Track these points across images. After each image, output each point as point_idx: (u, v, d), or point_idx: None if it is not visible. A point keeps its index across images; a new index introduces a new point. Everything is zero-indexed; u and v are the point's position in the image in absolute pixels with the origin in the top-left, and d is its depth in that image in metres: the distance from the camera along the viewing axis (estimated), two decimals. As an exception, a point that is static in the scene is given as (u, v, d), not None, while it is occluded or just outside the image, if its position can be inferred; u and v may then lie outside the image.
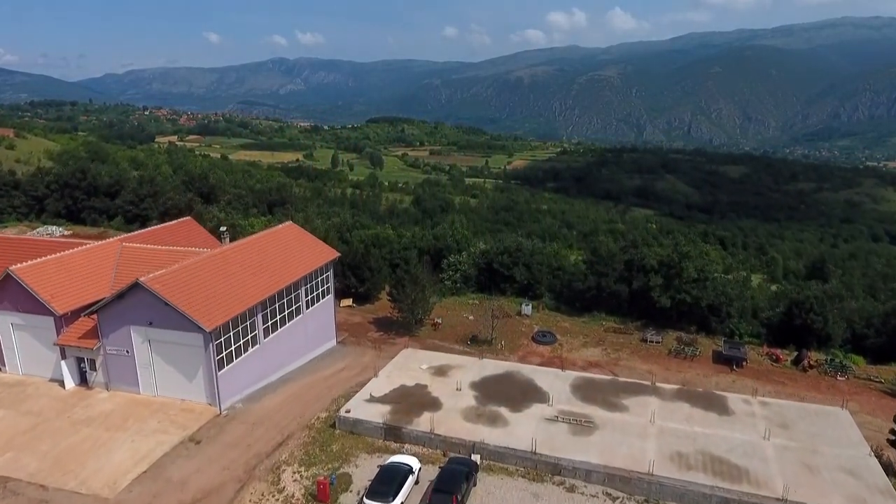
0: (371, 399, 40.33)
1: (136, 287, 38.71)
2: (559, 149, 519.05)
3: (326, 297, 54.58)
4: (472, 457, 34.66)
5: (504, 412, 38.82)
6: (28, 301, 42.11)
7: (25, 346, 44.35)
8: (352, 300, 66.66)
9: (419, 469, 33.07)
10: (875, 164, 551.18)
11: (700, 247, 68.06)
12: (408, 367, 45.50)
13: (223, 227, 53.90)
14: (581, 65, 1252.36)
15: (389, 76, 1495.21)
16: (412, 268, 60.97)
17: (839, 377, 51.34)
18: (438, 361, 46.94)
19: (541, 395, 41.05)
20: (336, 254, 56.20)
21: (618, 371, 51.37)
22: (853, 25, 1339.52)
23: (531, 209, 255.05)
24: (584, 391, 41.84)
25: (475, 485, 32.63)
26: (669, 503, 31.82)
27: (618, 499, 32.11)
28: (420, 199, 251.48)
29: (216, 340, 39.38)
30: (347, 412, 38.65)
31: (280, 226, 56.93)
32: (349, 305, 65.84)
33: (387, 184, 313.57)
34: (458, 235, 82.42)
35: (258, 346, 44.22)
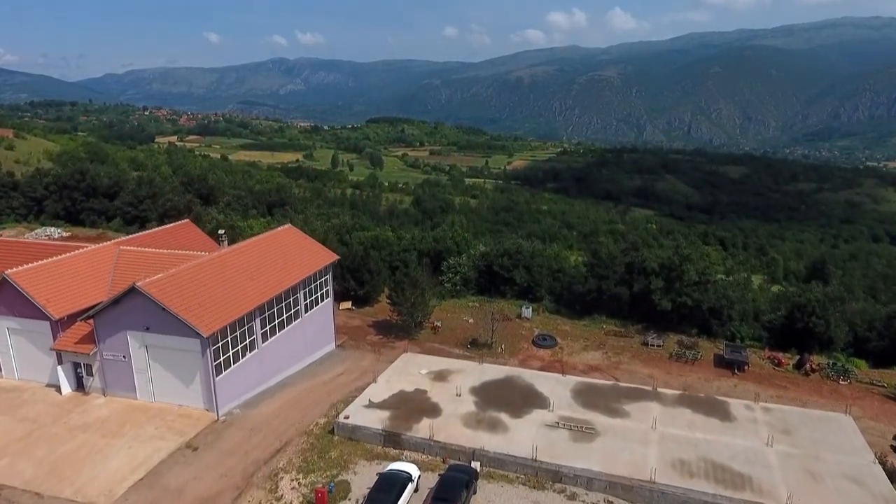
0: (370, 405, 39.95)
1: (133, 292, 38.36)
2: (559, 149, 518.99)
3: (325, 301, 54.24)
4: (472, 464, 34.29)
5: (504, 418, 38.45)
6: (24, 305, 41.73)
7: (22, 351, 43.98)
8: (351, 303, 66.34)
9: (418, 477, 32.68)
10: (875, 165, 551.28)
11: (701, 249, 67.70)
12: (407, 372, 45.12)
13: (221, 230, 53.58)
14: (581, 65, 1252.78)
15: (389, 76, 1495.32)
16: (411, 270, 60.59)
17: (841, 381, 51.00)
18: (438, 366, 46.57)
19: (541, 401, 40.68)
20: (335, 257, 55.84)
21: (619, 375, 51.03)
22: (853, 25, 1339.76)
23: (531, 210, 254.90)
24: (585, 397, 41.47)
25: (475, 493, 32.24)
26: (671, 511, 31.49)
27: (619, 507, 31.75)
28: (420, 200, 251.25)
29: (213, 346, 39.02)
30: (346, 418, 38.29)
31: (279, 228, 56.60)
32: (348, 308, 65.50)
33: (387, 184, 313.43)
34: (458, 237, 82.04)
35: (256, 351, 43.83)
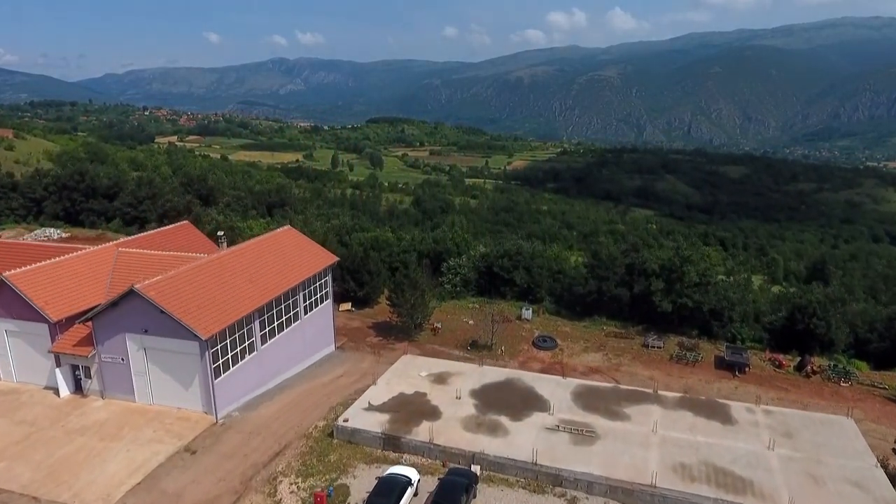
0: (369, 408, 39.78)
1: (131, 294, 38.19)
2: (559, 149, 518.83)
3: (325, 302, 54.07)
4: (472, 467, 34.11)
5: (504, 421, 38.27)
6: (22, 307, 41.56)
7: (20, 354, 43.81)
8: (351, 304, 66.11)
9: (418, 481, 32.49)
10: (875, 165, 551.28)
11: (702, 250, 67.46)
12: (407, 375, 44.94)
13: (220, 232, 53.39)
14: (581, 65, 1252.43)
15: (389, 76, 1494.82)
16: (411, 272, 60.35)
17: (843, 383, 50.76)
18: (438, 368, 46.38)
19: (541, 404, 40.50)
20: (334, 258, 55.65)
21: (619, 377, 50.83)
22: (853, 25, 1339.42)
23: (531, 210, 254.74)
24: (586, 399, 41.30)
25: (475, 497, 32.09)
26: (673, 516, 31.31)
27: (620, 511, 31.59)
28: (420, 200, 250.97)
29: (212, 348, 38.84)
30: (345, 421, 38.11)
31: (278, 230, 56.41)
32: (348, 310, 65.29)
33: (387, 184, 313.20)
34: (458, 238, 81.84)
35: (255, 353, 43.66)
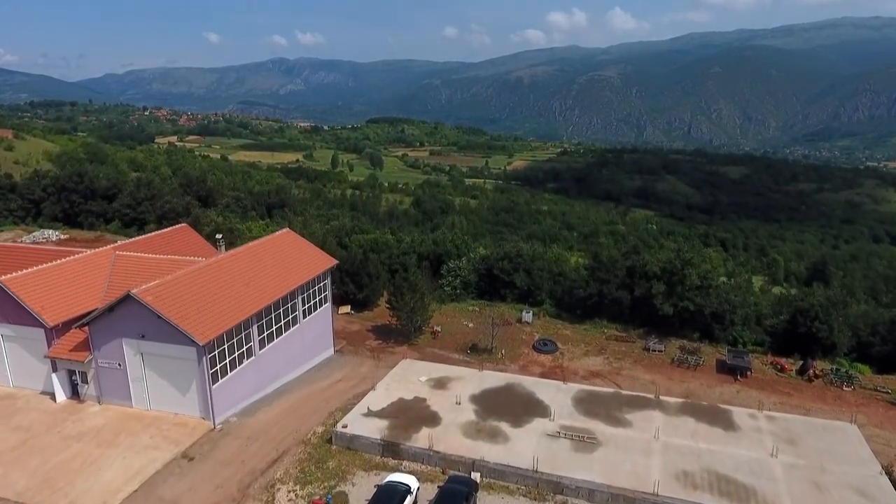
0: (368, 413, 39.43)
1: (128, 299, 37.83)
2: (559, 149, 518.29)
3: (324, 306, 53.71)
4: (472, 475, 33.77)
5: (505, 427, 37.91)
6: (18, 312, 41.20)
7: (16, 358, 43.47)
8: (350, 307, 65.73)
9: (417, 489, 32.15)
10: (875, 165, 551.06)
11: (703, 253, 67.09)
12: (406, 380, 44.59)
13: (219, 235, 53.00)
14: (581, 65, 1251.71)
15: (389, 76, 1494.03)
16: (411, 274, 59.99)
17: (845, 387, 50.41)
18: (438, 373, 46.03)
19: (542, 409, 40.15)
20: (334, 261, 55.26)
21: (620, 381, 50.50)
22: (853, 25, 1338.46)
23: (531, 210, 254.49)
24: (587, 405, 40.94)
25: (475, 505, 31.78)
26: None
27: (622, 520, 31.28)
28: (420, 201, 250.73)
29: (210, 353, 38.51)
30: (344, 427, 37.76)
31: (277, 233, 56.04)
32: (347, 313, 64.92)
33: (387, 185, 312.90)
34: (458, 240, 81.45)
35: (253, 358, 43.30)
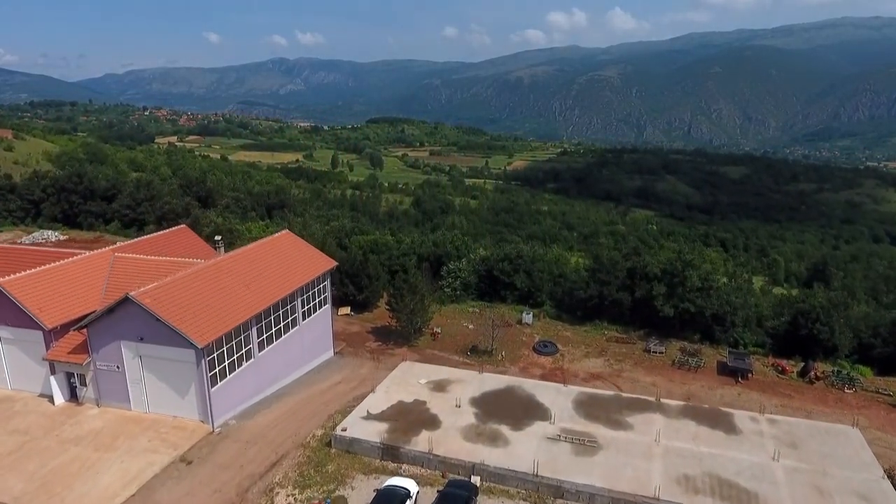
0: (368, 416, 39.23)
1: (127, 301, 37.63)
2: (559, 149, 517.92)
3: (323, 308, 53.54)
4: (472, 479, 33.59)
5: (505, 431, 37.71)
6: (16, 314, 40.97)
7: (14, 361, 43.27)
8: (350, 308, 65.55)
9: (417, 493, 31.96)
10: (875, 165, 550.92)
11: (704, 254, 66.89)
12: (406, 382, 44.38)
13: (218, 237, 52.82)
14: (581, 65, 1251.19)
15: (389, 76, 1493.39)
16: (411, 276, 59.82)
17: (847, 390, 50.23)
18: (437, 375, 45.83)
19: (542, 412, 39.95)
20: (333, 263, 55.08)
21: (621, 383, 50.35)
22: (853, 25, 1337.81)
23: (531, 210, 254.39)
24: (587, 408, 40.74)
25: (475, 509, 31.58)
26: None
27: (623, 524, 31.06)
28: (420, 201, 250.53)
29: (209, 356, 38.33)
30: (344, 430, 37.56)
31: (276, 234, 55.82)
32: (347, 314, 64.74)
33: (387, 185, 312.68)
34: (458, 242, 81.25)
35: (252, 361, 43.11)
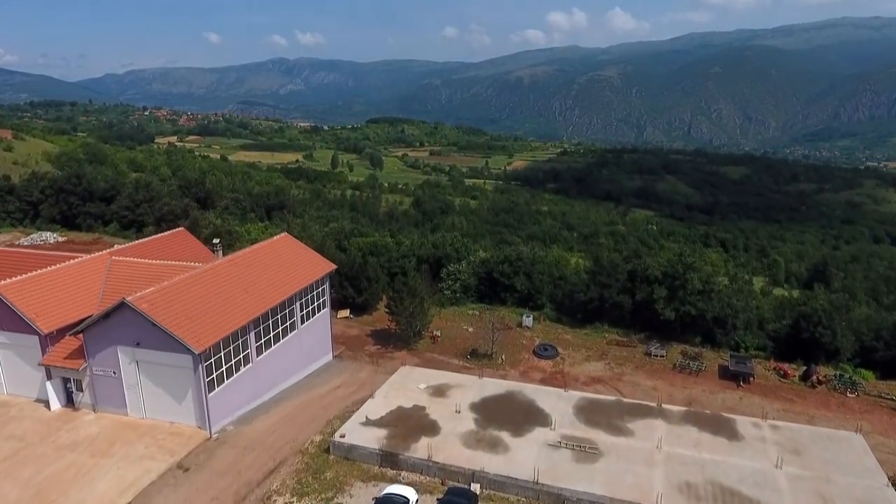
0: (367, 422, 38.87)
1: (123, 306, 37.30)
2: (559, 149, 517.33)
3: (322, 311, 53.17)
4: (472, 486, 33.24)
5: (505, 437, 37.35)
6: (12, 319, 40.69)
7: (10, 366, 42.92)
8: (349, 311, 65.21)
9: (416, 501, 31.62)
10: (875, 165, 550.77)
11: (705, 257, 66.53)
12: (405, 387, 44.02)
13: (216, 240, 52.41)
14: (581, 65, 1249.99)
15: (389, 76, 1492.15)
16: (410, 279, 59.46)
17: (849, 394, 49.88)
18: (437, 380, 45.45)
19: (543, 418, 39.59)
20: (332, 266, 54.72)
21: (621, 387, 50.01)
22: (853, 25, 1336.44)
23: (531, 211, 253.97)
24: (588, 413, 40.38)
25: (475, 517, 31.26)
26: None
27: (624, 532, 30.71)
28: (420, 201, 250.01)
29: (206, 361, 37.98)
30: (342, 437, 37.21)
31: (275, 238, 55.48)
32: (346, 317, 64.40)
33: (386, 185, 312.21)
34: (458, 244, 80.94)
35: (250, 366, 42.76)
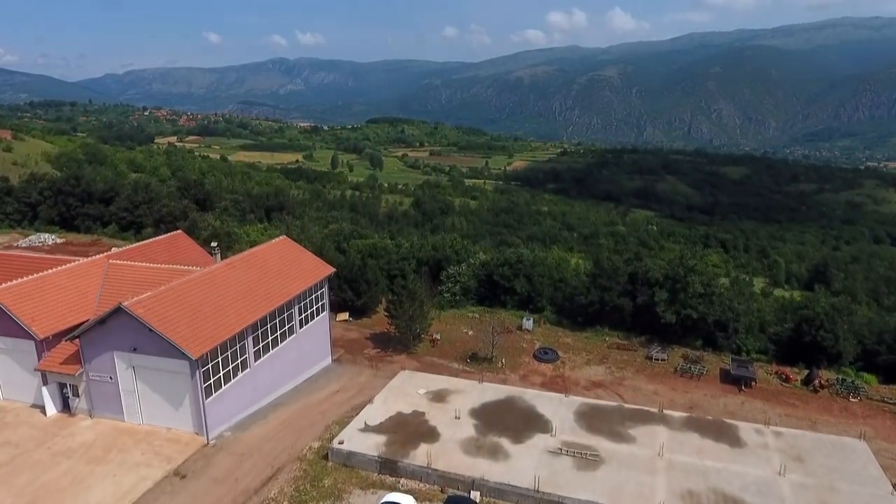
0: (366, 428, 38.50)
1: (119, 311, 36.92)
2: (559, 149, 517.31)
3: (321, 315, 52.75)
4: (472, 494, 32.90)
5: (505, 444, 36.97)
6: (8, 324, 40.32)
7: (6, 371, 42.56)
8: (348, 314, 64.84)
9: (415, 509, 31.31)
10: (875, 165, 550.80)
11: (707, 259, 66.16)
12: (405, 392, 43.65)
13: (214, 243, 52.06)
14: (581, 65, 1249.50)
15: (389, 76, 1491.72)
16: (410, 282, 59.08)
17: (852, 398, 49.46)
18: (437, 385, 45.08)
19: (543, 424, 39.22)
20: (331, 269, 54.31)
21: (622, 391, 49.66)
22: (853, 25, 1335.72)
23: (531, 211, 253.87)
24: (589, 419, 40.00)
25: (474, 526, 30.91)
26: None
27: (626, 542, 30.37)
28: (420, 202, 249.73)
29: (203, 367, 37.60)
30: (341, 443, 36.86)
31: (273, 241, 55.11)
32: (345, 320, 64.00)
33: (386, 185, 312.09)
34: (458, 246, 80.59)
35: (248, 371, 42.39)
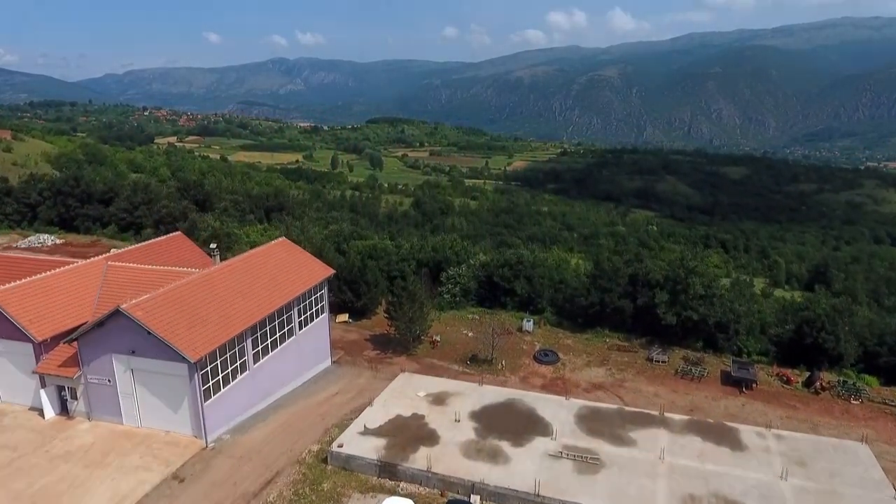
0: (365, 431, 38.31)
1: (118, 314, 36.73)
2: (559, 150, 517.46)
3: (321, 316, 52.57)
4: (472, 498, 32.73)
5: (505, 447, 36.78)
6: (5, 326, 40.04)
7: (4, 374, 42.29)
8: (347, 315, 64.68)
9: (415, 514, 31.15)
10: (876, 165, 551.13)
11: (707, 260, 66.03)
12: (404, 395, 43.46)
13: (213, 244, 51.95)
14: (581, 65, 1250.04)
15: (389, 76, 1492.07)
16: (409, 283, 58.92)
17: (853, 401, 49.30)
18: (436, 388, 44.88)
19: (544, 427, 39.03)
20: (331, 271, 54.09)
21: (623, 394, 49.55)
22: (853, 25, 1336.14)
23: (531, 211, 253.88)
24: (590, 422, 39.82)
25: (474, 530, 30.74)
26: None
27: (626, 546, 30.21)
28: (420, 202, 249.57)
29: (202, 370, 37.41)
30: (340, 447, 36.67)
31: (273, 242, 54.93)
32: (345, 321, 63.85)
33: (386, 185, 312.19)
34: (458, 247, 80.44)
35: (247, 373, 42.20)
